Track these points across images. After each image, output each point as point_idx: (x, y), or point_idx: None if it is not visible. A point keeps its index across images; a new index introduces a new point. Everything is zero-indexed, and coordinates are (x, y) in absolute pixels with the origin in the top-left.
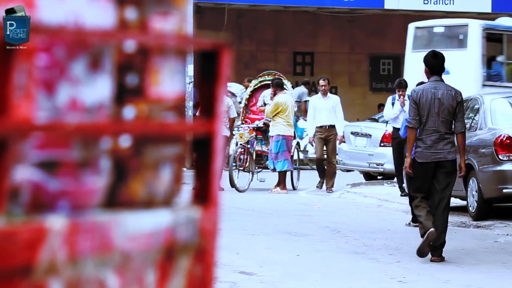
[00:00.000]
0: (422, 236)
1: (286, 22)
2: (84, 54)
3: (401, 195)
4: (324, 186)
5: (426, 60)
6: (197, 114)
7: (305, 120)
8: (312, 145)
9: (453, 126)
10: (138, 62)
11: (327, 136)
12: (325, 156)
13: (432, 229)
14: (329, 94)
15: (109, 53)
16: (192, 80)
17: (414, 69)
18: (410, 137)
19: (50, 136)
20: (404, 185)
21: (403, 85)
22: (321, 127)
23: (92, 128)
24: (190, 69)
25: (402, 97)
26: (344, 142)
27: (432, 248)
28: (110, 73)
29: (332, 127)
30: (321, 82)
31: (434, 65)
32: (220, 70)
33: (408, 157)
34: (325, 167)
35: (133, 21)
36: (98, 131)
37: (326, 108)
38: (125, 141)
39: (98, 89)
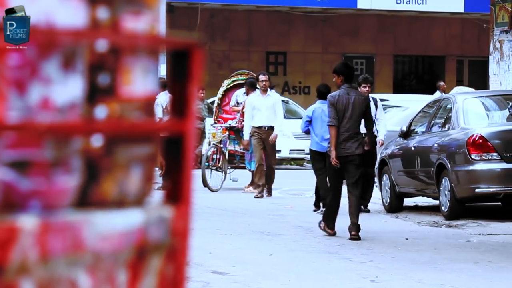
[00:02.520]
0: (326, 231)
1: (259, 22)
2: (55, 53)
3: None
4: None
5: (339, 69)
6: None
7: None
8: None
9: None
10: (110, 61)
11: (266, 138)
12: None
13: (333, 233)
14: (269, 91)
15: (81, 52)
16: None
17: None
18: (332, 134)
19: (22, 136)
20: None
21: (370, 81)
22: (259, 127)
23: (64, 127)
24: (163, 68)
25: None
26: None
27: (355, 230)
28: (81, 72)
29: (272, 128)
30: (262, 77)
31: (347, 74)
32: (192, 69)
33: (333, 151)
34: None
35: (105, 21)
36: (70, 131)
37: (265, 107)
38: (96, 141)
39: (69, 89)
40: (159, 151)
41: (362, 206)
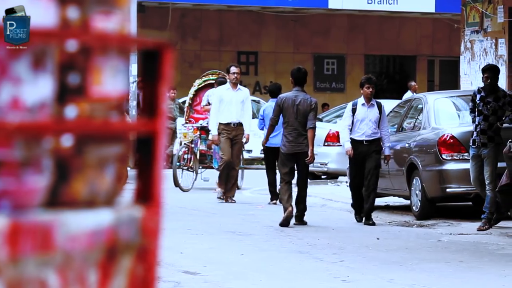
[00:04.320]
0: (284, 211)
1: (230, 22)
2: (25, 53)
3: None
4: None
5: (291, 72)
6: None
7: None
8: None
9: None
10: (80, 61)
11: (235, 135)
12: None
13: (290, 208)
14: (239, 85)
15: (51, 52)
16: (136, 79)
17: None
18: (269, 130)
19: None
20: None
21: (373, 81)
22: (227, 124)
23: (34, 127)
24: (134, 68)
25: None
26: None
27: (296, 218)
28: (52, 72)
29: (241, 125)
30: (233, 69)
31: (296, 77)
32: (163, 69)
33: (264, 143)
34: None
35: (75, 20)
36: (40, 131)
37: (235, 102)
38: (67, 141)
39: (40, 89)
40: (130, 151)
41: (357, 217)
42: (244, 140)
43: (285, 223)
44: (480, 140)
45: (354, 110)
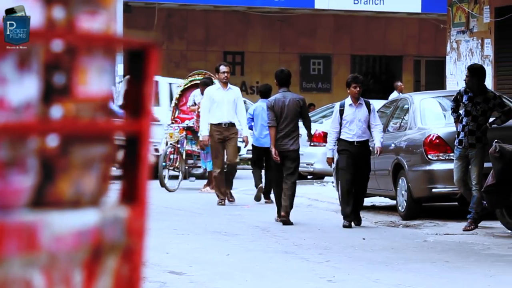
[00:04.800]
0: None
1: (216, 22)
2: (11, 53)
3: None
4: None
5: (275, 74)
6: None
7: None
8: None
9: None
10: (65, 61)
11: (226, 136)
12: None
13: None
14: (229, 85)
15: (37, 52)
16: (122, 79)
17: None
18: (272, 133)
19: None
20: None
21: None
22: (218, 124)
23: (19, 127)
24: (120, 68)
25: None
26: (248, 143)
27: (285, 216)
28: (37, 72)
29: (232, 125)
30: (223, 68)
31: (279, 79)
32: (149, 69)
33: (273, 149)
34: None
35: (61, 21)
36: (25, 131)
37: (226, 102)
38: (52, 141)
39: (25, 89)
40: (116, 151)
41: (354, 223)
42: (241, 140)
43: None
44: (468, 140)
45: (342, 112)
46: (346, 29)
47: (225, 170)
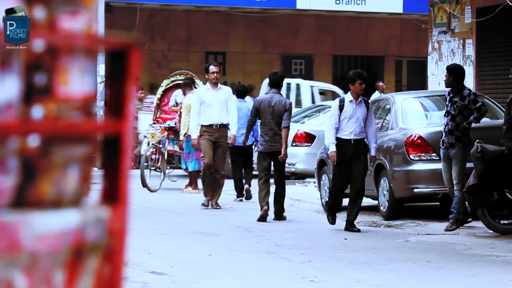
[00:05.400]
0: (261, 209)
1: (198, 22)
2: None
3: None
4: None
5: (269, 76)
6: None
7: None
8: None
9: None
10: (46, 61)
11: (217, 138)
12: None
13: (266, 207)
14: (220, 85)
15: (18, 52)
16: (104, 79)
17: None
18: (248, 126)
19: None
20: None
21: (364, 77)
22: (209, 126)
23: (0, 127)
24: (102, 68)
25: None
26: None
27: (275, 214)
28: (18, 72)
29: (224, 126)
30: (212, 68)
31: (272, 79)
32: (130, 69)
33: (244, 141)
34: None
35: (42, 21)
36: (6, 131)
37: (217, 103)
38: (33, 141)
39: (6, 89)
40: (97, 151)
41: (331, 220)
42: (229, 141)
43: (261, 220)
44: (448, 140)
45: (341, 107)
46: (327, 29)
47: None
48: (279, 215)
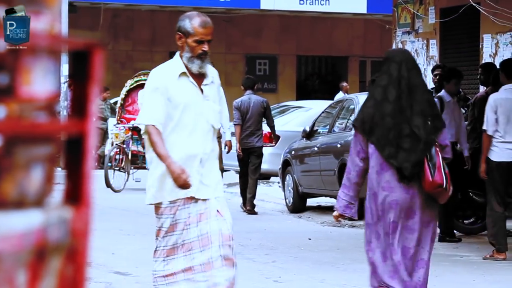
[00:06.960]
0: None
1: (162, 22)
2: None
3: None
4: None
5: (242, 80)
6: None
7: None
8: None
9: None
10: (9, 61)
11: None
12: None
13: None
14: None
15: None
16: (67, 79)
17: None
18: (237, 131)
19: None
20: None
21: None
22: None
23: None
24: (65, 68)
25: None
26: (231, 148)
27: (248, 203)
28: None
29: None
30: None
31: (246, 82)
32: (92, 70)
33: (238, 144)
34: None
35: (3, 20)
36: None
37: None
38: None
39: None
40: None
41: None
42: (224, 147)
43: (249, 210)
44: None
45: None
46: (292, 30)
47: None
48: (252, 204)
